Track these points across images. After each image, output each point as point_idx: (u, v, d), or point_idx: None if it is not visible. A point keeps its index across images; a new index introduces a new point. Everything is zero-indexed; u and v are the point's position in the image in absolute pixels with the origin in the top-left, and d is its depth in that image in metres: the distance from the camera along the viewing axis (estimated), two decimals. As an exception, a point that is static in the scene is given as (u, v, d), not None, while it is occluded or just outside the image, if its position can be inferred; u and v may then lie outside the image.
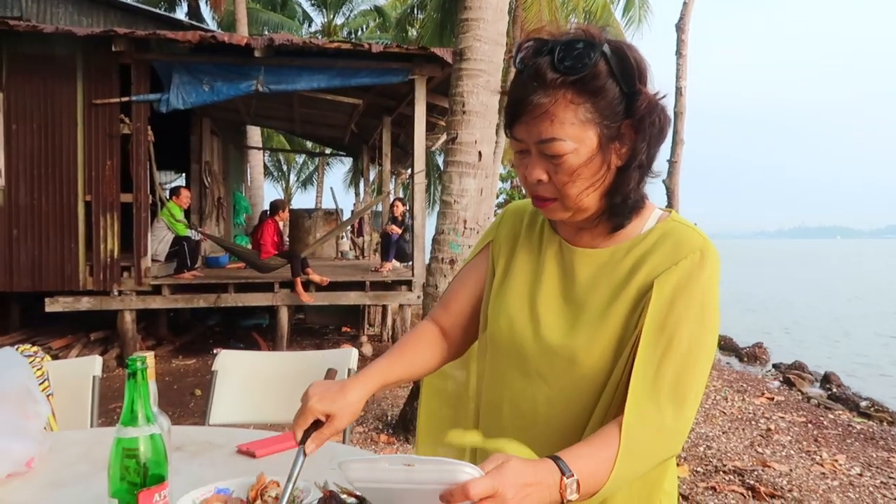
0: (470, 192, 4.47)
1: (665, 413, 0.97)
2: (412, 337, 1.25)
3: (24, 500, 1.27)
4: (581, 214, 1.07)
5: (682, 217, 1.13)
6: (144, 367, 1.03)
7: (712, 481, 3.99)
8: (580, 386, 1.07)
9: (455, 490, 0.79)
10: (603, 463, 0.92)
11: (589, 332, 1.06)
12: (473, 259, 1.30)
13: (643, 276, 1.05)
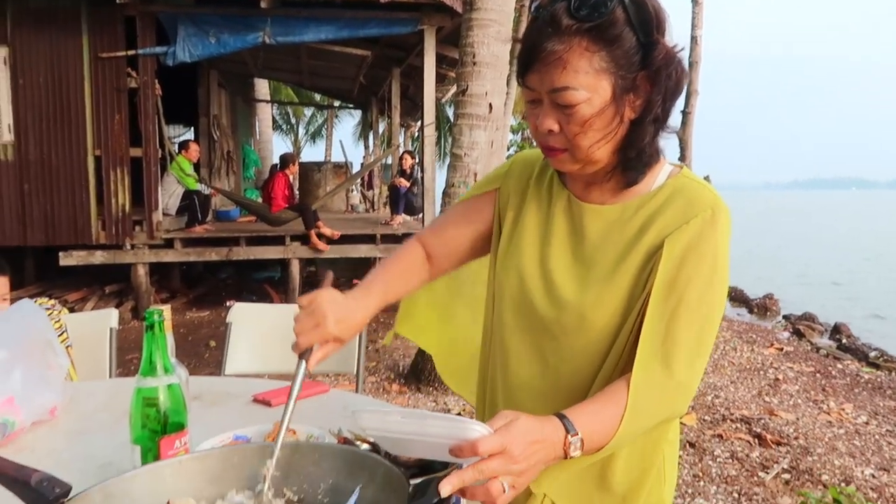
0: (480, 144, 4.43)
1: (673, 372, 0.98)
2: (405, 259, 1.23)
3: (50, 447, 1.31)
4: (591, 167, 1.05)
5: (692, 173, 1.11)
6: (161, 320, 1.05)
7: (719, 429, 4.06)
8: (589, 343, 1.07)
9: (464, 446, 0.81)
10: (607, 421, 0.94)
11: (598, 290, 1.06)
12: (475, 198, 1.27)
13: (653, 235, 1.04)
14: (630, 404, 0.94)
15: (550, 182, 1.18)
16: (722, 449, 3.76)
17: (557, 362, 1.11)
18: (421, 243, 1.27)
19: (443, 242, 1.26)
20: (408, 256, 1.24)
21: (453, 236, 1.26)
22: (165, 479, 0.92)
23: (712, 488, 3.27)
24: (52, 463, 0.93)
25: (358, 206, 13.18)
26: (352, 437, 1.15)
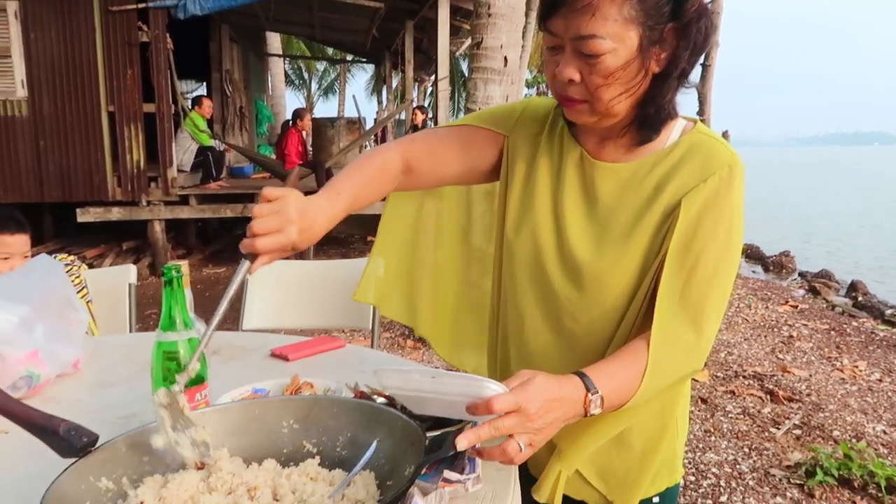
0: (495, 98, 4.37)
1: (690, 332, 0.98)
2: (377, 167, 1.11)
3: (74, 399, 1.34)
4: (608, 120, 1.02)
5: (707, 128, 1.08)
6: (180, 275, 1.06)
7: (731, 385, 4.08)
8: (606, 305, 1.06)
9: (480, 404, 0.82)
10: (627, 379, 0.94)
11: (615, 252, 1.04)
12: (477, 130, 1.20)
13: (670, 195, 1.02)
14: (650, 363, 0.95)
15: (561, 134, 1.14)
16: (734, 405, 3.79)
17: (573, 325, 1.10)
18: (403, 153, 1.16)
19: (431, 160, 1.17)
20: (381, 165, 1.12)
21: (445, 159, 1.18)
22: (188, 430, 0.94)
23: (723, 443, 3.31)
24: (76, 414, 0.95)
25: (371, 162, 13.10)
26: (368, 390, 1.17)
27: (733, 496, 2.82)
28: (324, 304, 2.38)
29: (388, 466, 0.89)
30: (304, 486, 0.85)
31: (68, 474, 0.80)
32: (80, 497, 0.81)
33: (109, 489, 0.84)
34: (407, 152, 1.16)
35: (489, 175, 1.23)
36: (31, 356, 1.31)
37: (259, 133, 13.81)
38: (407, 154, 1.16)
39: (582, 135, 1.12)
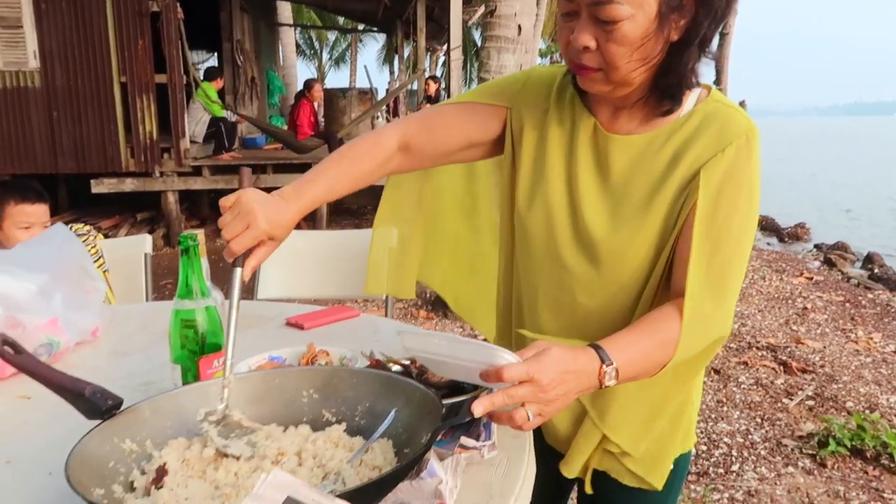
0: (509, 68, 4.32)
1: (718, 303, 0.97)
2: (369, 151, 1.11)
3: (93, 366, 1.36)
4: (623, 90, 1.00)
5: (722, 95, 1.05)
6: (196, 244, 1.07)
7: (745, 357, 4.08)
8: (622, 280, 1.05)
9: (491, 371, 0.82)
10: (643, 352, 0.94)
11: (632, 226, 1.03)
12: (479, 106, 1.17)
13: (687, 166, 1.00)
14: (683, 340, 0.94)
15: (571, 104, 1.11)
16: (747, 376, 3.79)
17: (588, 301, 1.09)
18: (402, 132, 1.15)
19: (431, 138, 1.16)
20: (370, 153, 1.12)
21: (446, 136, 1.16)
22: (211, 397, 0.95)
23: (735, 413, 3.32)
24: (96, 380, 0.96)
25: (383, 133, 13.04)
26: (383, 358, 1.18)
27: (745, 465, 2.83)
28: (337, 274, 2.39)
29: (405, 435, 0.90)
30: (325, 451, 0.86)
31: (93, 435, 0.82)
32: (105, 457, 0.82)
33: (133, 451, 0.86)
34: (404, 131, 1.15)
35: (492, 150, 1.21)
36: (50, 324, 1.32)
37: (271, 104, 13.75)
38: (404, 133, 1.15)
39: (595, 105, 1.09)
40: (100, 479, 0.79)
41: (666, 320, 0.96)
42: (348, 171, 1.09)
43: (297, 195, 1.02)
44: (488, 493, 0.89)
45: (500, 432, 0.99)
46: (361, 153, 1.11)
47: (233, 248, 0.94)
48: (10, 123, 7.21)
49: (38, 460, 0.98)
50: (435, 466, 0.84)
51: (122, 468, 0.83)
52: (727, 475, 2.75)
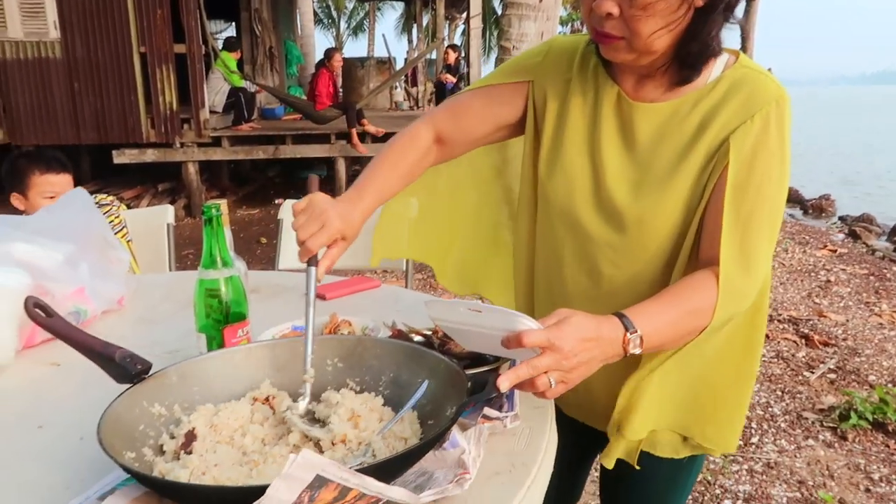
0: (530, 36, 4.24)
1: (751, 273, 0.96)
2: (409, 148, 1.16)
3: (120, 334, 1.38)
4: (646, 58, 0.97)
5: (751, 60, 1.02)
6: (219, 214, 1.07)
7: (766, 329, 4.05)
8: (647, 248, 1.04)
9: (511, 337, 0.82)
10: (669, 322, 0.92)
11: (656, 194, 1.01)
12: (501, 87, 1.18)
13: (714, 133, 0.98)
14: (719, 309, 0.93)
15: (595, 74, 1.10)
16: (768, 349, 3.77)
17: (613, 271, 1.08)
18: (432, 125, 1.19)
19: (459, 128, 1.19)
20: (411, 147, 1.16)
21: (472, 124, 1.18)
22: (236, 364, 0.96)
23: (756, 386, 3.31)
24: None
25: (402, 103, 12.97)
26: (406, 329, 1.18)
27: (764, 437, 2.83)
28: (357, 244, 2.39)
29: (429, 407, 0.91)
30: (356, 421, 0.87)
31: (124, 398, 0.83)
32: (135, 420, 0.84)
33: (162, 415, 0.87)
34: (434, 124, 1.19)
35: (520, 128, 1.21)
36: (77, 293, 1.34)
37: (289, 74, 13.68)
38: (434, 126, 1.19)
39: (619, 74, 1.07)
40: (130, 442, 0.81)
41: (697, 289, 0.94)
42: (393, 170, 1.14)
43: (359, 197, 1.07)
44: (511, 462, 0.89)
45: (522, 403, 0.99)
46: (400, 152, 1.16)
47: (309, 246, 0.96)
48: (33, 94, 7.27)
49: (69, 425, 1.00)
50: (458, 437, 0.84)
51: (151, 432, 0.85)
52: (746, 447, 2.75)
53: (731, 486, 2.49)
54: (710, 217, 0.98)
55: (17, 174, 2.13)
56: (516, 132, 1.21)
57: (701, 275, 0.96)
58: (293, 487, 0.62)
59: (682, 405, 1.12)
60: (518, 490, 0.84)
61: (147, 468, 0.79)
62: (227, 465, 0.78)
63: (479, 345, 0.94)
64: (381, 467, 0.72)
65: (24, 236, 1.30)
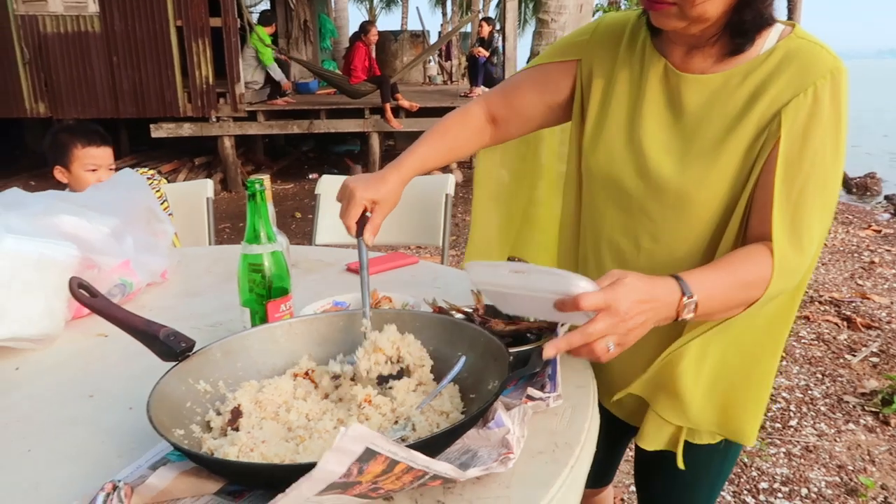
0: (569, 7, 4.16)
1: (803, 250, 0.93)
2: (458, 122, 1.21)
3: (164, 307, 1.41)
4: (697, 26, 0.95)
5: (807, 32, 0.98)
6: (263, 189, 1.07)
7: (806, 311, 3.96)
8: (689, 222, 1.02)
9: (567, 301, 0.79)
10: (723, 290, 0.90)
11: (702, 167, 0.99)
12: (551, 66, 1.18)
13: (765, 105, 0.95)
14: (773, 283, 0.90)
15: (643, 48, 1.08)
16: (808, 331, 3.69)
17: (652, 245, 1.06)
18: (486, 105, 1.22)
19: (512, 109, 1.21)
20: (461, 122, 1.21)
21: (524, 104, 1.20)
22: (278, 339, 0.97)
23: (795, 368, 3.24)
24: (166, 321, 1.00)
25: (436, 77, 12.88)
26: (447, 306, 1.18)
27: (803, 421, 2.78)
28: (392, 220, 2.39)
29: (470, 380, 0.91)
30: (396, 395, 0.87)
31: (170, 376, 0.84)
32: (182, 397, 0.85)
33: (208, 391, 0.89)
34: (487, 103, 1.23)
35: (570, 109, 1.20)
36: (123, 266, 1.36)
37: (323, 47, 13.67)
38: (488, 105, 1.22)
39: (667, 45, 1.05)
40: (178, 419, 0.82)
41: (752, 261, 0.92)
42: (439, 142, 1.18)
43: (396, 167, 1.12)
44: (553, 441, 0.88)
45: (564, 383, 0.98)
46: (450, 125, 1.21)
47: (345, 223, 1.07)
48: (73, 68, 7.38)
49: (118, 394, 1.02)
50: (502, 416, 0.84)
51: (197, 408, 0.86)
52: (784, 430, 2.71)
53: (767, 468, 2.45)
54: (761, 193, 0.95)
55: (60, 148, 2.16)
56: (566, 114, 1.20)
57: (755, 248, 0.93)
58: (343, 460, 0.63)
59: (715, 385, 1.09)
60: (561, 470, 0.83)
61: (196, 445, 0.80)
62: (274, 441, 0.79)
63: (525, 308, 0.91)
64: (428, 442, 0.72)
65: (73, 209, 1.32)
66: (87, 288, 0.95)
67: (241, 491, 0.77)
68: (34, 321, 1.16)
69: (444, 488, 0.78)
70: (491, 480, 0.80)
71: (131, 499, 0.73)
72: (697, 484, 1.22)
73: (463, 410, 0.87)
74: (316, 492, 0.65)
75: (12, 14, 7.21)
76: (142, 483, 0.76)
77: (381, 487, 0.70)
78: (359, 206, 1.06)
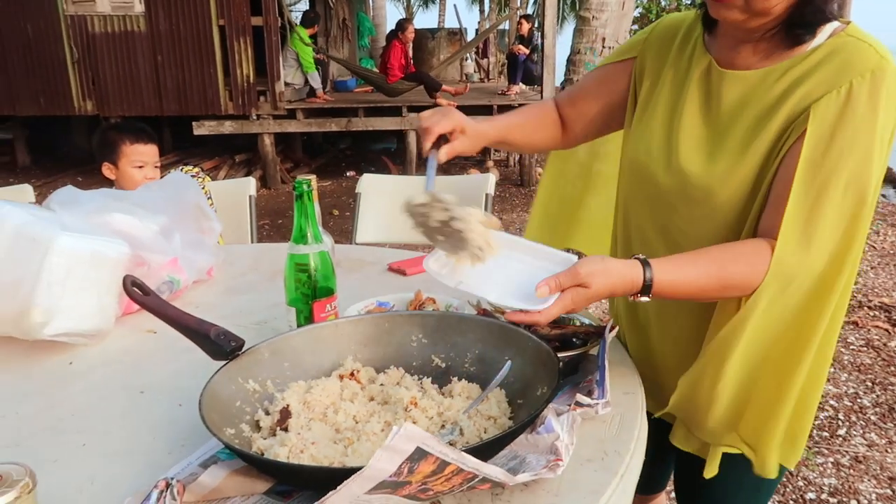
0: (611, 5, 4.10)
1: (808, 254, 0.89)
2: (538, 114, 1.26)
3: (210, 304, 1.43)
4: (758, 20, 0.92)
5: (860, 30, 0.94)
6: (311, 190, 1.07)
7: (854, 316, 3.84)
8: (714, 217, 1.00)
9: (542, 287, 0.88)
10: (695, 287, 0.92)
11: (728, 163, 0.97)
12: (611, 66, 1.21)
13: (796, 101, 0.91)
14: (762, 289, 0.90)
15: (693, 47, 1.07)
16: (856, 336, 3.58)
17: (679, 237, 1.05)
18: (557, 105, 1.26)
19: (576, 112, 1.23)
20: (540, 115, 1.25)
21: (586, 108, 1.22)
22: (324, 339, 0.98)
23: (843, 375, 3.15)
24: (213, 318, 1.01)
25: (472, 75, 12.84)
26: (491, 309, 1.17)
27: (852, 430, 2.70)
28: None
29: (517, 385, 0.90)
30: (444, 399, 0.86)
31: (220, 375, 0.85)
32: (232, 396, 0.86)
33: (256, 391, 0.89)
34: (557, 103, 1.26)
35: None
36: (171, 263, 1.38)
37: (360, 45, 13.74)
38: (557, 105, 1.26)
39: (718, 40, 1.03)
40: (228, 418, 0.83)
41: (743, 262, 0.91)
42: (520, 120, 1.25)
43: (487, 119, 1.17)
44: (602, 450, 0.87)
45: (612, 390, 0.97)
46: (528, 111, 1.27)
47: (432, 128, 1.05)
48: (119, 67, 7.55)
49: (168, 391, 1.04)
50: (552, 422, 0.82)
51: (247, 408, 0.87)
52: (832, 439, 2.63)
53: (815, 478, 2.39)
54: (777, 185, 0.93)
55: (109, 145, 2.22)
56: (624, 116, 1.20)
57: (755, 247, 0.91)
58: (394, 458, 0.63)
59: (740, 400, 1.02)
60: (612, 478, 0.82)
61: (246, 444, 0.81)
62: (323, 443, 0.79)
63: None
64: (480, 449, 0.71)
65: (125, 207, 1.35)
66: (140, 286, 0.97)
67: (290, 491, 0.77)
68: (87, 317, 1.19)
69: (492, 493, 0.77)
70: (539, 487, 0.79)
71: (183, 496, 0.74)
72: (743, 499, 1.19)
73: (510, 416, 0.86)
74: (366, 489, 0.65)
75: (62, 14, 7.40)
76: (193, 481, 0.77)
77: (430, 489, 0.70)
78: (453, 124, 1.06)
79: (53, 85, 7.61)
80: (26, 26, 7.44)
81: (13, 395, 1.06)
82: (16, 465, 0.68)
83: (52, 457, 0.88)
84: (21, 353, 1.18)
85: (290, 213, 6.46)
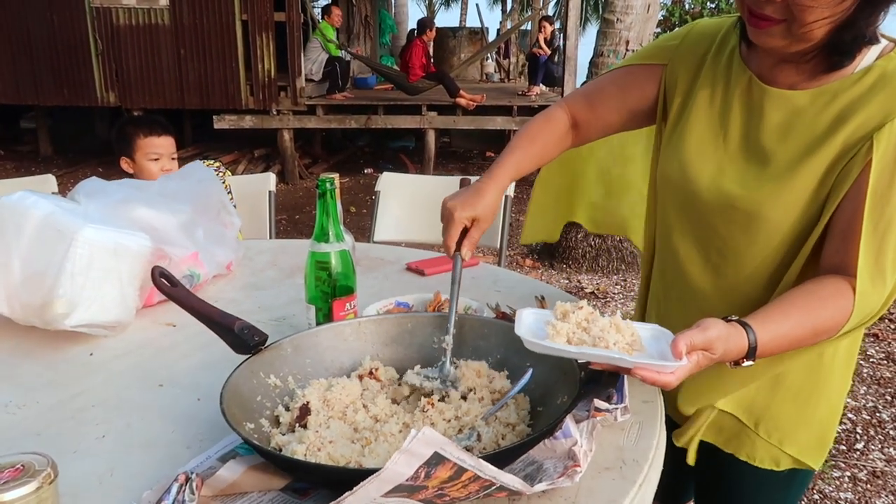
0: (636, 7, 4.07)
1: (884, 286, 0.89)
2: (544, 128, 1.20)
3: (229, 299, 1.43)
4: (798, 45, 0.89)
5: None
6: (334, 188, 1.07)
7: (875, 329, 3.79)
8: (757, 242, 0.98)
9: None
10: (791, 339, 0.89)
11: (775, 186, 0.95)
12: (636, 67, 1.17)
13: (853, 128, 0.90)
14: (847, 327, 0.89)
15: (730, 59, 1.04)
16: (877, 349, 3.53)
17: (719, 259, 1.04)
18: (568, 109, 1.21)
19: (593, 113, 1.19)
20: (547, 128, 1.20)
21: (606, 110, 1.18)
22: (346, 337, 0.98)
23: (862, 388, 3.11)
24: (232, 313, 1.02)
25: (493, 75, 12.81)
26: (510, 312, 1.16)
27: (871, 444, 2.66)
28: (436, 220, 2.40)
29: (538, 391, 0.89)
30: (462, 404, 0.86)
31: (242, 369, 0.86)
32: (253, 390, 0.86)
33: (277, 386, 0.90)
34: (570, 108, 1.21)
35: (652, 115, 1.17)
36: (192, 257, 1.39)
37: (381, 43, 13.77)
38: (570, 109, 1.21)
39: (756, 58, 1.00)
40: (248, 413, 0.83)
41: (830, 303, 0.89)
42: (529, 149, 1.18)
43: (493, 179, 1.12)
44: (621, 458, 0.86)
45: (631, 396, 0.96)
46: (536, 131, 1.20)
47: (446, 243, 1.07)
48: (143, 60, 7.62)
49: (186, 385, 1.05)
50: (571, 427, 0.82)
51: (267, 402, 0.87)
52: (850, 453, 2.60)
53: (830, 492, 2.36)
54: (842, 220, 0.91)
55: (125, 139, 2.24)
56: (647, 119, 1.18)
57: (836, 287, 0.89)
58: (412, 462, 0.63)
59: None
60: (630, 488, 0.81)
61: (265, 440, 0.81)
62: (341, 442, 0.79)
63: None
64: (497, 456, 0.71)
65: (147, 199, 1.36)
66: (169, 277, 0.98)
67: (307, 489, 0.77)
68: (108, 308, 1.20)
69: (509, 500, 0.77)
70: (557, 495, 0.78)
71: (201, 490, 0.74)
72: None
73: (530, 423, 0.86)
74: (383, 492, 0.65)
75: (88, 6, 7.48)
76: (212, 475, 0.77)
77: (446, 495, 0.69)
78: (459, 225, 1.06)
79: (77, 76, 7.69)
80: (52, 17, 7.52)
81: (36, 384, 1.07)
82: (38, 456, 0.69)
83: (72, 447, 0.89)
84: (44, 343, 1.20)
85: (308, 209, 6.48)
